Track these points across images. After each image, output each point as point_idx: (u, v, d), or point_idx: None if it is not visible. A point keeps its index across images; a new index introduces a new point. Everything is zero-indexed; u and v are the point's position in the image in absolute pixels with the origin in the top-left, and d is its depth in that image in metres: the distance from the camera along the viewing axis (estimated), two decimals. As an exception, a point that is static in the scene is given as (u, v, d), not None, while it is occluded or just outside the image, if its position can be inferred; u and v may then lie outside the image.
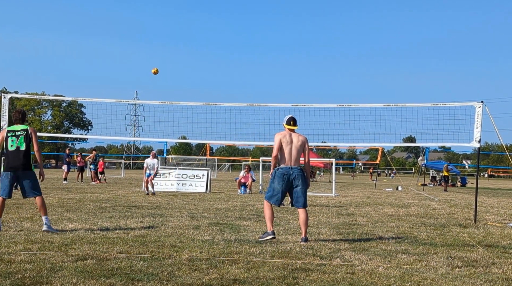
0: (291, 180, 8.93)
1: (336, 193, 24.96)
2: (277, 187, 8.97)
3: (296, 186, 8.97)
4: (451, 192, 32.67)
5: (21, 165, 9.09)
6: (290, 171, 8.94)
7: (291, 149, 9.02)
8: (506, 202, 22.11)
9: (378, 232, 10.53)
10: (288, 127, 9.23)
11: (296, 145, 9.06)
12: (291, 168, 8.95)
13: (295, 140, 9.08)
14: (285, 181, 8.92)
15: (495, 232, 11.12)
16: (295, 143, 9.06)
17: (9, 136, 9.20)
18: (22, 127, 9.31)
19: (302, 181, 8.99)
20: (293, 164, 8.99)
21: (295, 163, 9.01)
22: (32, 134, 9.26)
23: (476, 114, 12.83)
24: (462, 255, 7.95)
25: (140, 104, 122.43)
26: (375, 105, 14.58)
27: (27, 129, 9.28)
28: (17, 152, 9.12)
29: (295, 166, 8.99)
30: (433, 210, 16.44)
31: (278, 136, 9.10)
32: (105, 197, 18.33)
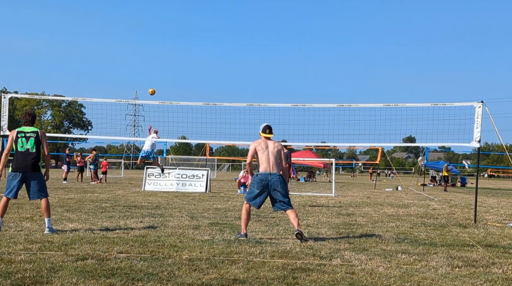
0: (270, 186, 9.09)
1: (336, 193, 24.97)
2: (256, 192, 9.16)
3: (276, 191, 9.11)
4: (451, 192, 32.68)
5: (30, 166, 9.11)
6: (269, 177, 9.09)
7: (268, 155, 9.19)
8: (506, 202, 22.12)
9: (378, 232, 10.53)
10: (264, 135, 9.44)
11: (273, 151, 9.24)
12: (270, 174, 9.11)
13: (271, 147, 9.27)
14: (264, 187, 9.10)
15: (495, 232, 11.12)
16: (271, 150, 9.24)
17: (19, 137, 9.22)
18: (32, 129, 9.34)
19: (281, 186, 9.12)
20: (272, 170, 9.15)
21: (274, 169, 9.15)
22: (42, 137, 9.31)
23: (476, 114, 12.83)
24: (462, 255, 7.95)
25: (140, 104, 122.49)
26: (375, 105, 14.58)
27: (38, 131, 9.32)
28: (27, 154, 9.13)
29: (274, 172, 9.13)
30: (433, 210, 16.44)
31: (253, 144, 9.35)
32: (105, 197, 18.33)
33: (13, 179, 9.18)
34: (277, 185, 9.08)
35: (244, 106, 15.23)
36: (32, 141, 9.17)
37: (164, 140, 24.73)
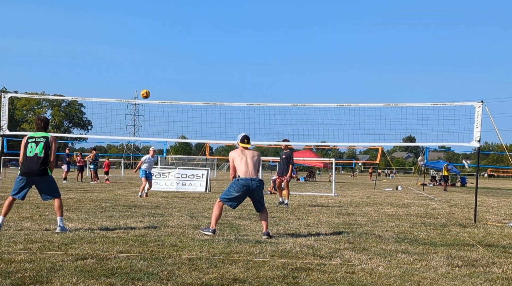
0: (251, 191, 9.36)
1: (336, 192, 24.98)
2: (235, 195, 9.39)
3: (256, 195, 9.45)
4: (451, 191, 32.68)
5: (37, 171, 9.13)
6: (250, 182, 9.31)
7: (247, 160, 9.47)
8: (506, 202, 22.11)
9: (378, 231, 10.53)
10: (242, 145, 9.71)
11: (251, 158, 9.54)
12: (251, 179, 9.33)
13: (249, 155, 9.55)
14: (244, 192, 9.35)
15: (495, 231, 11.12)
16: (249, 157, 9.53)
17: (29, 142, 9.29)
18: (43, 134, 9.37)
19: (260, 191, 9.47)
20: (252, 174, 9.40)
21: (254, 174, 9.42)
22: (53, 143, 9.30)
23: (476, 113, 12.83)
24: (462, 255, 7.95)
25: (140, 104, 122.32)
26: (375, 104, 14.57)
27: (48, 137, 9.32)
28: (35, 159, 9.15)
29: (255, 178, 9.39)
30: (433, 210, 16.44)
31: (231, 154, 9.62)
32: (105, 196, 18.33)
33: (20, 182, 9.26)
34: (258, 190, 9.41)
35: (244, 105, 15.22)
36: (41, 146, 9.18)
37: (164, 139, 24.70)
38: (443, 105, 13.64)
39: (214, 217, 9.43)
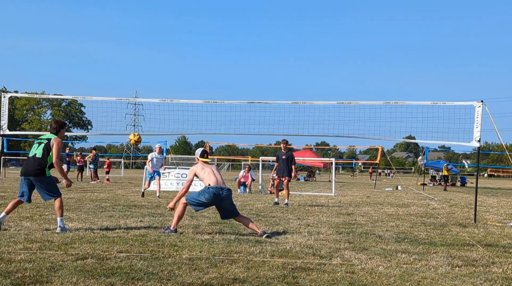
0: (220, 199, 9.36)
1: (336, 192, 24.98)
2: (203, 202, 9.37)
3: (226, 204, 9.46)
4: (451, 191, 32.69)
5: (33, 171, 9.13)
6: (221, 191, 9.33)
7: (213, 171, 9.60)
8: (506, 202, 22.11)
9: (378, 231, 10.52)
10: (202, 159, 9.83)
11: (215, 169, 9.74)
12: (221, 188, 9.36)
13: (213, 167, 9.74)
14: (213, 200, 9.35)
15: (495, 231, 11.12)
16: (214, 168, 9.71)
17: (34, 143, 9.39)
18: (48, 136, 9.39)
19: (229, 199, 9.49)
20: (222, 183, 9.47)
21: (223, 183, 9.51)
22: (54, 144, 9.21)
23: (476, 113, 12.82)
24: (462, 255, 7.96)
25: (140, 104, 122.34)
26: (374, 102, 14.56)
27: (51, 138, 9.29)
28: (33, 159, 9.17)
29: (225, 187, 9.46)
30: (433, 210, 16.44)
31: (193, 169, 9.74)
32: (105, 196, 18.33)
33: (22, 183, 9.33)
34: (227, 199, 9.42)
35: (245, 103, 15.20)
36: (42, 147, 9.19)
37: (164, 139, 24.68)
38: (443, 104, 13.64)
39: (177, 217, 9.44)
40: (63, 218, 9.40)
